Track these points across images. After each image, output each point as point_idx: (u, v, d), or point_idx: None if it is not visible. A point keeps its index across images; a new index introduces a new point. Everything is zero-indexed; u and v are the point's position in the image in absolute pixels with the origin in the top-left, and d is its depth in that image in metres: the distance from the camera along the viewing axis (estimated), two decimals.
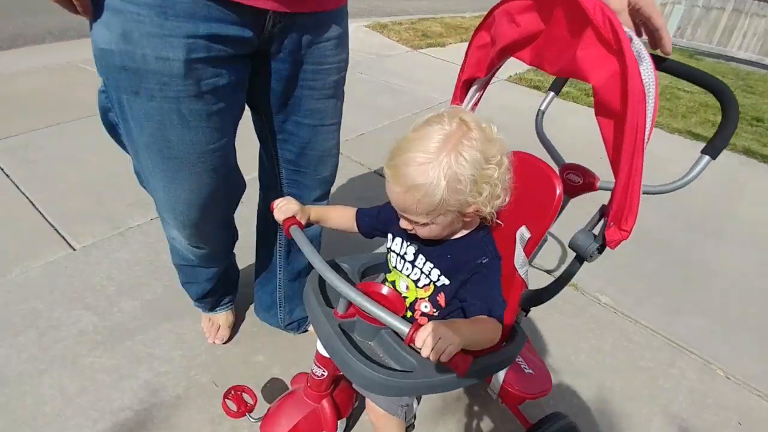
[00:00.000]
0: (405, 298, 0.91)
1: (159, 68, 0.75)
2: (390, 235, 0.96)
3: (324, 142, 1.10)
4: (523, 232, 0.86)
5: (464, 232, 0.86)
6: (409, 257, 0.91)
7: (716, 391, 1.53)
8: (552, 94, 1.13)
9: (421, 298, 0.90)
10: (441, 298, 0.88)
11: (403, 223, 0.82)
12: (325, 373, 0.95)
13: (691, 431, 1.39)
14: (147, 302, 1.56)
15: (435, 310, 0.89)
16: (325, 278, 0.72)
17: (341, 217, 1.02)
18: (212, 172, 0.92)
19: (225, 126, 0.89)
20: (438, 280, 0.87)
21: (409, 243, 0.91)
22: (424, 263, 0.88)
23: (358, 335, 0.84)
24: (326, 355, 0.90)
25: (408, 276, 0.91)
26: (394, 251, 0.94)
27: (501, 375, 1.14)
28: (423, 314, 0.91)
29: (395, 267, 0.94)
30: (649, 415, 1.42)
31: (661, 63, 0.81)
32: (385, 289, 0.86)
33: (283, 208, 0.90)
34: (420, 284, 0.90)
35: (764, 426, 1.44)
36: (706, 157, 0.88)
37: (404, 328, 0.66)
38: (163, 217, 1.06)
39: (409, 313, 0.91)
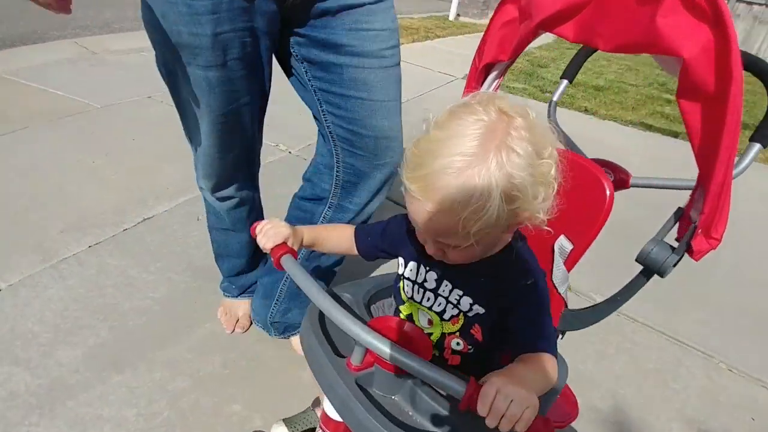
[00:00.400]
0: (429, 335, 0.74)
1: (191, 42, 0.87)
2: (401, 260, 0.78)
3: (378, 120, 1.02)
4: (563, 243, 0.73)
5: (499, 247, 0.70)
6: (431, 285, 0.74)
7: (726, 388, 1.49)
8: (565, 82, 1.01)
9: (450, 334, 0.74)
10: (477, 332, 0.71)
11: (432, 249, 0.65)
12: None
13: None
14: (90, 350, 1.29)
15: (470, 346, 0.73)
16: (344, 327, 0.55)
17: (339, 237, 0.84)
18: (230, 130, 1.02)
19: (247, 90, 0.99)
20: (470, 309, 0.71)
21: (428, 268, 0.74)
22: (451, 291, 0.72)
23: (378, 389, 0.66)
24: (337, 418, 0.72)
25: (430, 308, 0.75)
26: (409, 279, 0.77)
27: None
28: (455, 352, 0.74)
29: (412, 298, 0.77)
30: (666, 422, 1.35)
31: None
32: (406, 326, 0.69)
33: (270, 232, 0.71)
34: (446, 316, 0.73)
35: None
36: (757, 145, 0.78)
37: (458, 387, 0.50)
38: (196, 166, 1.17)
39: (435, 353, 0.74)
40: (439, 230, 0.60)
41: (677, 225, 0.65)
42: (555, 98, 1.02)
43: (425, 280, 0.74)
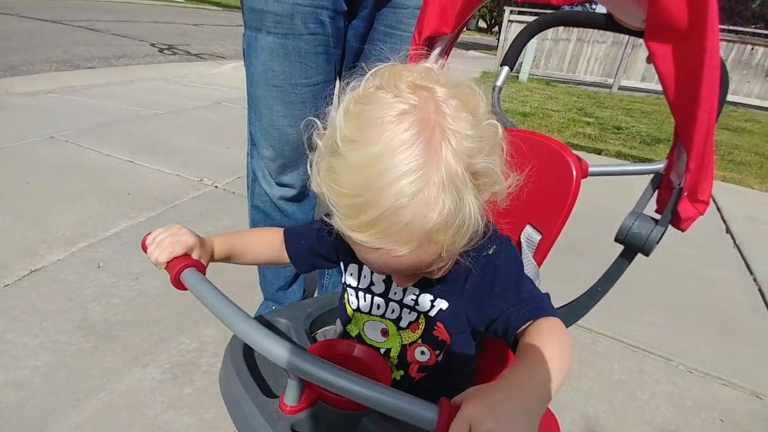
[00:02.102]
0: (387, 351, 0.60)
1: (275, 9, 0.96)
2: (342, 265, 0.63)
3: None
4: (530, 234, 0.62)
5: None
6: (378, 288, 0.60)
7: (689, 390, 1.43)
8: (506, 68, 0.95)
9: (411, 344, 0.60)
10: (440, 331, 0.58)
11: (400, 280, 0.54)
12: None
13: None
14: None
15: (437, 351, 0.59)
16: (269, 354, 0.41)
17: (266, 244, 0.67)
18: (302, 104, 1.06)
19: (319, 68, 1.04)
20: (431, 308, 0.57)
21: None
22: (405, 290, 0.58)
23: None
24: None
25: (382, 316, 0.60)
26: (352, 287, 0.62)
27: None
28: (423, 369, 0.60)
29: (359, 310, 0.62)
30: None
31: None
32: (356, 349, 0.55)
33: (166, 242, 0.53)
34: (403, 323, 0.60)
35: (740, 415, 1.36)
36: None
37: (426, 413, 0.36)
38: (258, 147, 1.16)
39: (399, 373, 0.61)
40: (417, 266, 0.46)
41: (656, 196, 0.56)
42: (499, 83, 0.96)
43: (372, 283, 0.60)
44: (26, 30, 6.84)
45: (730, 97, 7.49)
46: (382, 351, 0.61)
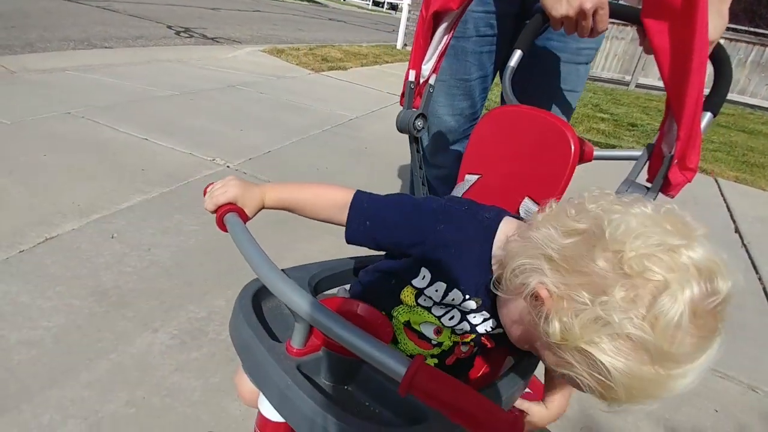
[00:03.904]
0: (436, 344, 0.63)
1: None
2: (426, 272, 0.59)
3: (558, 107, 1.17)
4: (529, 206, 0.64)
5: None
6: (468, 306, 0.59)
7: None
8: (519, 52, 0.97)
9: (459, 343, 0.65)
10: (486, 340, 0.64)
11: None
12: None
13: (679, 430, 1.26)
14: None
15: (476, 349, 0.65)
16: (285, 298, 0.45)
17: (328, 204, 0.63)
18: (461, 96, 1.21)
19: (480, 65, 1.18)
20: (492, 331, 0.62)
21: (467, 296, 0.58)
22: (486, 320, 0.60)
23: (327, 378, 0.54)
24: (277, 419, 0.56)
25: (447, 324, 0.62)
26: (429, 296, 0.61)
27: None
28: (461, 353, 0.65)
29: (421, 305, 0.62)
30: (634, 422, 1.27)
31: None
32: (360, 307, 0.58)
33: (217, 192, 0.60)
34: (459, 331, 0.63)
35: (735, 407, 1.38)
36: (708, 114, 0.74)
37: (397, 366, 0.39)
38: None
39: (434, 361, 0.65)
40: None
41: (647, 166, 0.58)
42: (512, 64, 0.98)
43: (461, 305, 0.59)
44: (43, 8, 6.91)
45: (747, 100, 7.36)
46: (434, 343, 0.63)
